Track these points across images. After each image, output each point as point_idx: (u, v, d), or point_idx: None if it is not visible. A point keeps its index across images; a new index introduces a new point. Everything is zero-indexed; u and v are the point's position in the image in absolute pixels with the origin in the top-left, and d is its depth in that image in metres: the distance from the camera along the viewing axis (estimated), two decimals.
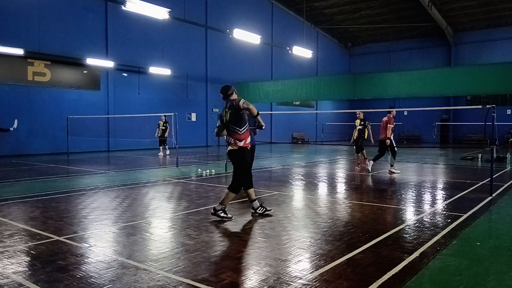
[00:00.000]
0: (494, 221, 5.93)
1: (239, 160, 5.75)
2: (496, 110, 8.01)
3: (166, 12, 13.60)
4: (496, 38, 31.27)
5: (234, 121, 5.69)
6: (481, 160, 15.06)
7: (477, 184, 9.14)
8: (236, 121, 5.68)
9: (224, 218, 5.66)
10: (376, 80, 21.53)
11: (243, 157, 5.74)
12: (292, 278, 3.53)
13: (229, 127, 5.75)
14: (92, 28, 19.46)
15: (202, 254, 4.17)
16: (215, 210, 5.70)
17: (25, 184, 9.36)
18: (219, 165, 13.55)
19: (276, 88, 25.11)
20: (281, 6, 30.66)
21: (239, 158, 5.74)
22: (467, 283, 3.47)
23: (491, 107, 7.76)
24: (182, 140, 16.77)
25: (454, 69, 22.97)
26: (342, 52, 39.47)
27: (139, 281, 3.46)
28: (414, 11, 29.47)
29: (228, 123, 5.75)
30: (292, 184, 9.37)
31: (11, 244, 4.50)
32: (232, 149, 5.76)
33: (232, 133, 5.73)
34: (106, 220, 5.68)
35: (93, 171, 11.86)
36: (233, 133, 5.71)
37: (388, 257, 4.07)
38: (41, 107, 17.97)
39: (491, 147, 8.21)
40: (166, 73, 21.24)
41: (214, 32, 24.82)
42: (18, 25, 16.84)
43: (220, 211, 5.68)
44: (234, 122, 5.69)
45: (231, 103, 5.75)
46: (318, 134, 33.94)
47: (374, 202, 7.23)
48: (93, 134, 19.34)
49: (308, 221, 5.74)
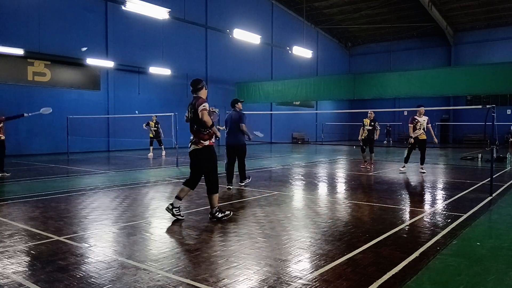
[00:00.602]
0: (494, 221, 5.93)
1: (205, 159, 5.50)
2: (496, 110, 8.00)
3: (166, 12, 13.59)
4: (496, 38, 31.27)
5: (197, 121, 5.44)
6: (481, 160, 15.05)
7: (477, 184, 9.14)
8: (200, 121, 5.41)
9: (224, 217, 5.64)
10: (376, 80, 21.54)
11: (209, 156, 5.52)
12: (292, 278, 3.53)
13: (193, 126, 5.51)
14: (92, 28, 19.46)
15: (202, 254, 4.16)
16: (212, 215, 5.64)
17: (25, 184, 9.36)
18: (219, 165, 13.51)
19: (276, 88, 25.12)
20: (281, 6, 30.67)
21: (204, 157, 5.50)
22: (467, 283, 3.47)
23: (491, 107, 7.76)
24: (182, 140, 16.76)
25: (454, 69, 23.00)
26: (342, 52, 39.47)
27: (139, 281, 3.46)
28: (414, 11, 29.48)
29: (192, 122, 5.52)
30: (292, 184, 9.37)
31: (11, 244, 4.50)
32: (197, 148, 5.50)
33: (196, 132, 5.50)
34: (106, 220, 5.68)
35: (93, 171, 11.86)
36: (197, 132, 5.49)
37: (388, 257, 4.07)
38: (41, 107, 17.91)
39: (491, 147, 8.21)
40: (166, 73, 21.24)
41: (214, 32, 24.81)
42: (18, 25, 16.84)
43: (217, 213, 5.62)
44: (197, 121, 5.44)
45: (194, 102, 5.49)
46: (318, 134, 33.94)
47: (374, 202, 7.23)
48: (93, 134, 19.34)
49: (308, 221, 5.74)
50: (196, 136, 5.48)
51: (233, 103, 8.54)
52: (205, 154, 5.50)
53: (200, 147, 5.47)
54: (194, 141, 5.52)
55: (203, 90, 5.63)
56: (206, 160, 5.52)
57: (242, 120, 8.24)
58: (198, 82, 5.63)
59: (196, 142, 5.49)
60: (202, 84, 5.66)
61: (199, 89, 5.60)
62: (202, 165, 5.55)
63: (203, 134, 5.45)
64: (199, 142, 5.46)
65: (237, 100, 8.57)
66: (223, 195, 7.71)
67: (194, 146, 5.52)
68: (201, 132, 5.45)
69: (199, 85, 5.61)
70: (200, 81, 5.67)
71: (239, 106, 8.51)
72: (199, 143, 5.46)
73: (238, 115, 8.35)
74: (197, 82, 5.64)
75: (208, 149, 5.50)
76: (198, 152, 5.50)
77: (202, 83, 5.67)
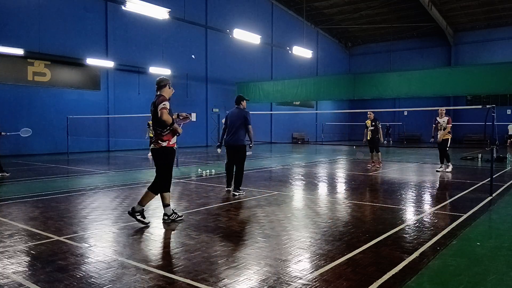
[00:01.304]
0: (494, 221, 5.93)
1: (160, 159, 5.40)
2: (496, 110, 8.01)
3: (166, 12, 13.59)
4: (496, 38, 31.28)
5: (156, 120, 5.30)
6: (481, 160, 15.05)
7: (477, 184, 9.14)
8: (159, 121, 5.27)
9: (140, 222, 5.33)
10: (376, 80, 21.54)
11: (165, 158, 5.40)
12: (292, 278, 3.53)
13: (153, 125, 5.43)
14: (92, 28, 19.46)
15: (202, 254, 4.16)
16: (133, 210, 5.36)
17: (25, 184, 9.36)
18: (219, 165, 13.54)
19: (276, 88, 25.12)
20: (281, 6, 30.67)
21: (160, 158, 5.40)
22: (467, 283, 3.47)
23: (491, 107, 7.76)
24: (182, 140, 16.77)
25: (454, 69, 23.00)
26: (342, 52, 39.47)
27: (139, 281, 3.46)
28: (414, 11, 29.48)
29: (153, 120, 5.42)
30: (292, 184, 9.37)
31: (11, 244, 4.50)
32: (154, 148, 5.40)
33: (155, 131, 5.41)
34: (106, 220, 5.68)
35: (93, 171, 11.86)
36: (156, 132, 5.39)
37: (388, 257, 4.07)
38: (41, 107, 17.97)
39: (491, 147, 8.21)
40: (166, 73, 21.20)
41: (214, 32, 24.82)
42: (18, 25, 16.84)
43: (138, 214, 5.33)
44: (156, 121, 5.31)
45: (155, 100, 5.36)
46: (318, 134, 33.95)
47: (374, 202, 7.23)
48: (93, 134, 19.35)
49: (308, 221, 5.74)
50: (156, 135, 5.37)
51: (238, 100, 7.88)
52: (161, 155, 5.38)
53: (157, 147, 5.35)
54: (153, 141, 5.43)
55: (166, 89, 5.48)
56: (160, 161, 5.40)
57: (248, 121, 7.60)
58: (162, 80, 5.54)
59: (154, 142, 5.39)
60: (166, 82, 5.52)
61: (163, 87, 5.47)
62: (157, 164, 5.46)
63: (162, 135, 5.32)
64: (157, 142, 5.35)
65: (242, 98, 7.95)
66: (223, 195, 7.71)
67: (152, 145, 5.44)
68: (160, 133, 5.32)
69: (163, 83, 5.49)
70: (165, 79, 5.58)
71: (244, 104, 7.87)
72: (157, 143, 5.35)
73: (242, 114, 7.67)
74: (161, 80, 5.55)
75: (165, 150, 5.37)
76: (155, 152, 5.42)
77: (166, 81, 5.55)
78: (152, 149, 5.46)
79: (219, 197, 7.57)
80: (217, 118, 25.84)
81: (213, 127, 25.91)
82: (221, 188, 8.62)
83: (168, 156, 5.43)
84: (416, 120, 33.63)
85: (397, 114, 35.05)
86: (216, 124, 25.93)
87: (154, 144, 5.41)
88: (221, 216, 5.98)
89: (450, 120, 11.39)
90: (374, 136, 12.51)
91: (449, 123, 11.34)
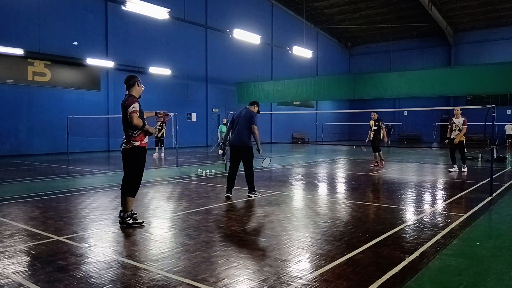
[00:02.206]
0: (494, 221, 5.93)
1: (132, 158, 5.23)
2: (496, 110, 8.01)
3: (166, 12, 13.59)
4: (496, 38, 31.28)
5: (126, 122, 5.15)
6: (481, 160, 15.05)
7: (477, 184, 9.14)
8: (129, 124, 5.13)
9: (135, 224, 5.26)
10: (376, 80, 21.54)
11: (137, 157, 5.24)
12: (292, 278, 3.53)
13: (124, 127, 5.24)
14: (92, 28, 19.46)
15: (202, 254, 4.16)
16: (122, 219, 5.25)
17: (25, 184, 9.36)
18: (219, 165, 13.54)
19: (276, 88, 25.13)
20: (281, 6, 30.67)
21: (132, 157, 5.22)
22: (467, 283, 3.47)
23: (491, 107, 7.76)
24: (182, 140, 16.77)
25: (454, 69, 22.99)
26: (342, 52, 39.47)
27: (139, 281, 3.46)
28: (414, 11, 29.48)
29: (123, 121, 5.24)
30: (292, 184, 9.37)
31: (11, 244, 4.50)
32: (126, 148, 5.22)
33: (126, 133, 5.24)
34: (106, 220, 5.68)
35: (93, 171, 11.86)
36: (127, 133, 5.23)
37: (388, 257, 4.07)
38: (41, 107, 17.96)
39: (491, 147, 8.21)
40: (166, 73, 21.24)
41: (214, 32, 24.83)
42: (18, 25, 16.84)
43: (128, 218, 5.25)
44: (126, 123, 5.15)
45: (125, 100, 5.20)
46: (318, 134, 33.96)
47: (374, 202, 7.23)
48: (93, 134, 19.34)
49: (308, 221, 5.74)
50: (127, 137, 5.21)
51: (253, 102, 7.61)
52: (133, 154, 5.21)
53: (130, 146, 5.19)
54: (124, 141, 5.25)
55: (135, 87, 5.30)
56: (132, 160, 5.24)
57: (253, 121, 7.24)
58: (130, 78, 5.33)
59: (126, 142, 5.22)
60: (135, 80, 5.31)
61: (131, 86, 5.29)
62: (127, 164, 5.28)
63: (133, 136, 5.19)
64: (129, 142, 5.20)
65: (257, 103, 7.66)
66: (223, 195, 7.70)
67: (124, 145, 5.25)
68: (131, 134, 5.19)
69: (131, 81, 5.29)
70: (133, 77, 5.37)
71: (255, 109, 7.52)
72: (129, 143, 5.20)
73: (249, 113, 7.35)
74: (129, 78, 5.34)
75: (137, 150, 5.21)
76: (127, 151, 5.23)
77: (134, 79, 5.34)
78: (124, 149, 5.25)
79: (219, 197, 7.56)
80: (217, 118, 25.85)
81: (213, 127, 25.91)
82: (221, 188, 8.62)
83: (140, 155, 5.26)
84: (416, 120, 33.65)
85: (397, 114, 35.05)
86: (216, 124, 25.94)
87: (125, 144, 5.21)
88: (221, 216, 5.98)
89: (466, 121, 11.24)
90: (376, 136, 12.62)
91: (465, 124, 11.21)
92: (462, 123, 11.19)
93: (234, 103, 26.07)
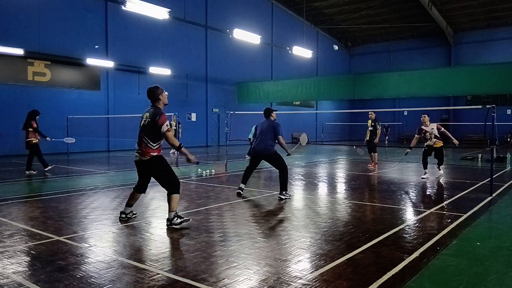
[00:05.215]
0: (494, 221, 5.93)
1: (156, 167, 5.17)
2: (496, 110, 8.01)
3: (166, 12, 13.60)
4: (496, 38, 31.27)
5: (149, 134, 5.09)
6: (481, 160, 15.05)
7: (477, 184, 9.14)
8: (152, 135, 5.08)
9: (183, 222, 5.23)
10: (376, 80, 21.53)
11: (161, 163, 5.19)
12: (292, 278, 3.53)
13: (143, 137, 5.13)
14: (92, 28, 19.45)
15: (202, 254, 4.16)
16: (169, 221, 5.19)
17: (25, 184, 9.36)
18: (219, 165, 13.54)
19: (276, 88, 25.12)
20: (281, 6, 30.67)
21: (156, 166, 5.16)
22: (467, 283, 3.47)
23: (491, 107, 7.76)
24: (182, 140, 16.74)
25: (454, 69, 22.99)
26: (342, 52, 39.46)
27: (139, 281, 3.46)
28: (414, 11, 29.48)
29: (143, 131, 5.14)
30: (292, 184, 9.36)
31: (11, 244, 4.50)
32: (144, 160, 5.13)
33: (143, 143, 5.12)
34: (106, 220, 5.68)
35: (93, 171, 11.86)
36: (144, 144, 5.12)
37: (388, 257, 4.07)
38: (41, 107, 17.79)
39: (491, 147, 8.21)
40: (166, 73, 21.24)
41: (214, 32, 24.82)
42: (18, 25, 16.84)
43: (175, 218, 5.19)
44: (149, 134, 5.09)
45: (155, 113, 5.09)
46: (318, 134, 33.95)
47: (374, 202, 7.23)
48: (93, 134, 19.33)
49: (308, 221, 5.74)
50: (144, 147, 5.12)
51: (268, 113, 7.79)
52: (156, 163, 5.17)
53: (147, 157, 5.12)
54: (139, 152, 5.16)
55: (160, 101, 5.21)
56: (158, 168, 5.19)
57: (278, 132, 7.46)
58: (153, 92, 5.18)
59: (141, 153, 5.13)
60: (158, 93, 5.19)
61: (156, 100, 5.20)
62: (155, 173, 5.23)
63: (151, 148, 5.11)
64: (146, 153, 5.11)
65: (271, 110, 7.86)
66: (223, 195, 7.71)
67: (140, 157, 5.16)
68: (149, 147, 5.11)
69: (155, 95, 5.18)
70: (156, 89, 5.20)
71: (274, 115, 7.82)
72: (146, 154, 5.11)
73: (272, 124, 7.56)
74: (152, 92, 5.19)
75: (155, 158, 5.16)
76: (146, 163, 5.16)
77: (157, 91, 5.19)
78: (142, 161, 5.16)
79: (219, 197, 7.57)
80: (217, 118, 25.85)
81: (213, 127, 25.91)
82: (221, 188, 8.62)
83: (163, 161, 5.24)
84: (416, 120, 33.28)
85: (397, 114, 35.03)
86: (216, 124, 25.94)
87: (142, 156, 5.12)
88: (221, 216, 5.98)
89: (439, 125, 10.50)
90: (372, 136, 12.61)
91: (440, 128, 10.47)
92: (436, 129, 10.26)
93: (234, 103, 26.07)
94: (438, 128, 10.37)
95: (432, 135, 10.32)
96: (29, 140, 11.45)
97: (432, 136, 10.33)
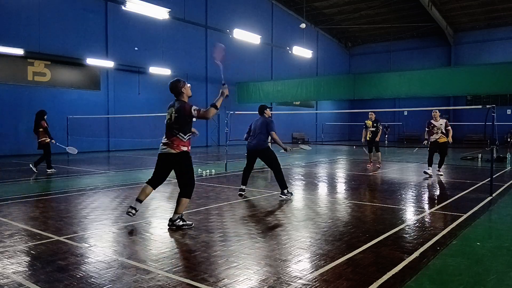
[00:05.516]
0: (494, 221, 5.93)
1: (184, 164, 5.16)
2: (496, 110, 8.01)
3: (166, 12, 13.61)
4: (496, 38, 31.27)
5: (178, 127, 5.11)
6: (481, 160, 15.05)
7: (477, 184, 9.14)
8: (182, 126, 5.11)
9: (184, 226, 5.21)
10: (376, 80, 21.51)
11: (189, 162, 5.19)
12: (292, 278, 3.53)
13: (172, 130, 5.13)
14: (92, 28, 19.45)
15: (202, 254, 4.16)
16: (172, 221, 5.19)
17: (25, 184, 9.36)
18: (219, 165, 13.54)
19: (276, 88, 25.09)
20: (281, 6, 30.67)
21: (184, 163, 5.15)
22: (467, 283, 3.47)
23: (491, 107, 7.76)
24: None
25: (454, 69, 22.97)
26: (342, 52, 39.47)
27: (139, 281, 3.46)
28: (414, 11, 29.48)
29: (173, 125, 5.14)
30: (292, 184, 9.36)
31: (11, 244, 4.50)
32: (174, 153, 5.09)
33: (174, 137, 5.11)
34: (106, 220, 5.68)
35: (93, 171, 11.86)
36: (175, 137, 5.11)
37: (388, 257, 4.07)
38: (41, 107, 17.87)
39: (491, 147, 8.21)
40: (166, 73, 21.23)
41: (214, 32, 24.82)
42: (18, 25, 16.84)
43: (178, 220, 5.19)
44: (179, 127, 5.11)
45: (179, 106, 5.14)
46: (318, 134, 33.95)
47: (374, 202, 7.23)
48: (93, 134, 19.34)
49: (308, 221, 5.74)
50: (176, 140, 5.10)
51: (262, 110, 7.80)
52: (186, 159, 5.17)
53: (177, 151, 5.09)
54: (169, 144, 5.12)
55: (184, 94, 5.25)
56: (188, 162, 5.19)
57: (270, 128, 7.45)
58: (175, 86, 5.24)
59: (171, 145, 5.09)
60: (180, 86, 5.24)
61: (180, 93, 5.24)
62: (180, 169, 5.20)
63: (182, 141, 5.12)
64: (176, 146, 5.09)
65: (265, 107, 7.87)
66: (223, 195, 7.70)
67: (169, 148, 5.10)
68: (180, 140, 5.11)
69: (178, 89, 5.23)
70: (177, 82, 5.26)
71: (268, 112, 7.80)
72: (176, 148, 5.08)
73: (265, 121, 7.58)
74: (175, 85, 5.24)
75: (185, 154, 5.15)
76: (174, 156, 5.12)
77: (179, 84, 5.24)
78: (171, 154, 5.11)
79: (219, 197, 7.57)
80: (217, 118, 25.84)
81: (213, 127, 25.91)
82: (221, 188, 8.62)
83: (190, 159, 5.25)
84: (416, 120, 33.56)
85: (397, 114, 35.04)
86: (216, 124, 25.93)
87: (172, 148, 5.09)
88: (221, 216, 5.98)
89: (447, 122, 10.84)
90: (374, 137, 12.61)
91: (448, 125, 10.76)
92: (444, 125, 10.66)
93: (234, 103, 26.07)
94: (446, 125, 10.81)
95: (439, 130, 10.74)
96: (41, 140, 11.60)
97: (439, 131, 10.76)
